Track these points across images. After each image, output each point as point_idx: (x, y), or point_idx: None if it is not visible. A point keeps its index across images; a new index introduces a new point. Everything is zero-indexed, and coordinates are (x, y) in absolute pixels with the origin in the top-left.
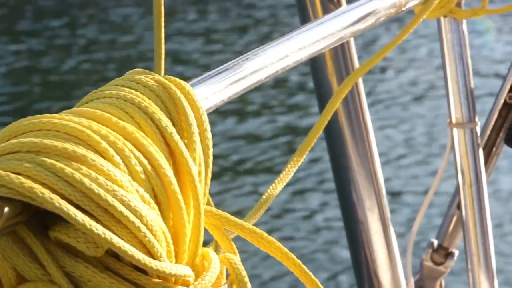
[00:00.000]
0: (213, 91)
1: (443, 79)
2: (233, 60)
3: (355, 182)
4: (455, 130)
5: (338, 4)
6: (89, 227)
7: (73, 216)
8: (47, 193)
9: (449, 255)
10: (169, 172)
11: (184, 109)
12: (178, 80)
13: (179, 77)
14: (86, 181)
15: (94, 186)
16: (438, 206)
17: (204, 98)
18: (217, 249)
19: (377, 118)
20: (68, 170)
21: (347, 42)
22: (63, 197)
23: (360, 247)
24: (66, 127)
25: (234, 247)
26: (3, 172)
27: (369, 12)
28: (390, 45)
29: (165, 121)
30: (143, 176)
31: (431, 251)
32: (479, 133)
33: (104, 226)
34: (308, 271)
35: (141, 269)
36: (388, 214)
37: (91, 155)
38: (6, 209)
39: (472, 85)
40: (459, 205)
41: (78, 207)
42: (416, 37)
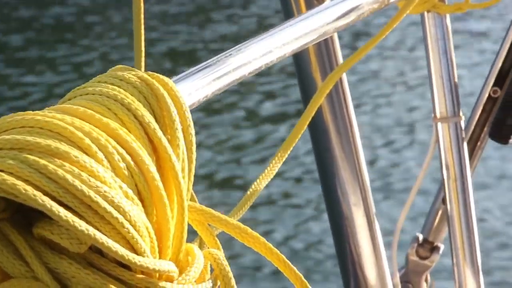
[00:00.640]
0: (196, 87)
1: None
2: (216, 56)
3: (340, 177)
4: (439, 124)
5: (322, 0)
6: (72, 223)
7: (56, 212)
8: (30, 190)
9: (434, 249)
10: (152, 168)
11: (167, 105)
12: (161, 77)
13: (162, 73)
14: (69, 177)
15: (77, 183)
16: (423, 201)
17: (188, 94)
18: (201, 245)
19: (361, 113)
20: (51, 166)
21: (330, 37)
22: (46, 193)
23: (345, 242)
24: (49, 124)
25: (218, 242)
26: None
27: (353, 7)
28: (374, 40)
29: (148, 117)
30: (126, 172)
31: (416, 245)
32: (463, 128)
33: (88, 222)
34: (292, 266)
35: (125, 265)
36: (373, 209)
37: (74, 152)
38: None
39: (456, 80)
40: (444, 199)
41: (61, 203)
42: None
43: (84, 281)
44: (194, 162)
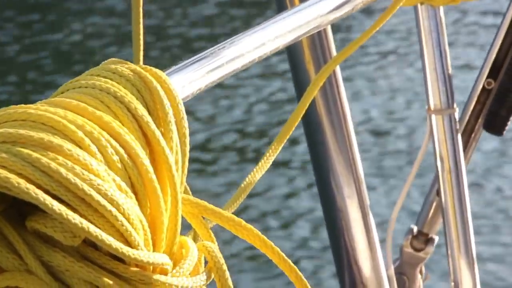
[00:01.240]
0: (189, 79)
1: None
2: (210, 49)
3: (334, 170)
4: (433, 116)
5: None
6: (66, 216)
7: (50, 205)
8: (23, 183)
9: (429, 241)
10: (145, 161)
11: (160, 98)
12: (154, 69)
13: (155, 66)
14: (63, 170)
15: (70, 176)
16: (418, 193)
17: (181, 87)
18: (195, 237)
19: (354, 105)
20: (44, 160)
21: (324, 30)
22: (39, 187)
23: (339, 235)
24: (42, 117)
25: (212, 235)
26: None
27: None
28: (367, 33)
29: (142, 110)
30: (119, 165)
31: (411, 237)
32: (457, 119)
33: (81, 215)
34: (287, 258)
35: (119, 258)
36: (367, 201)
37: (67, 145)
38: None
39: (450, 72)
40: (438, 191)
41: (54, 197)
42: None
43: (78, 274)
44: (188, 155)
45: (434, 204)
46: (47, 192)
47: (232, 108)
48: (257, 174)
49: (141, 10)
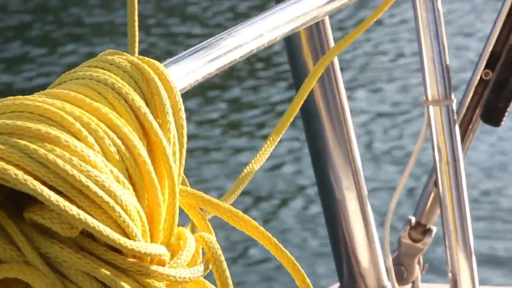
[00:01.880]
0: (187, 71)
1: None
2: (208, 40)
3: (332, 161)
4: (431, 107)
5: None
6: (63, 207)
7: (47, 197)
8: (21, 175)
9: (427, 232)
10: (143, 152)
11: (157, 89)
12: (151, 61)
13: (153, 58)
14: (60, 162)
15: (68, 167)
16: (416, 184)
17: (179, 78)
18: (193, 229)
19: (352, 97)
20: (42, 151)
21: (322, 21)
22: (37, 178)
23: (338, 226)
24: (40, 109)
25: (209, 226)
26: None
27: None
28: (365, 24)
29: (139, 101)
30: (117, 157)
31: (409, 228)
32: (455, 110)
33: (79, 206)
34: (284, 249)
35: (116, 249)
36: (365, 192)
37: (64, 136)
38: None
39: (448, 63)
40: (436, 182)
41: (52, 188)
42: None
43: (76, 265)
44: (185, 146)
45: (432, 195)
46: (44, 183)
47: None
48: (255, 166)
49: (136, 2)
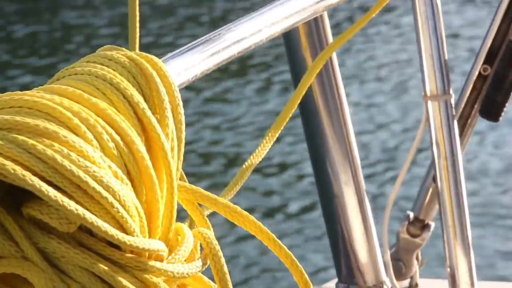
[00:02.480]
0: (185, 66)
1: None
2: (206, 36)
3: (330, 156)
4: (429, 102)
5: None
6: (61, 203)
7: (46, 192)
8: (19, 170)
9: (425, 227)
10: (141, 147)
11: (156, 84)
12: (150, 56)
13: (152, 53)
14: (58, 157)
15: (66, 163)
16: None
17: (177, 74)
18: (191, 224)
19: (351, 93)
20: (40, 146)
21: (320, 16)
22: (35, 173)
23: (336, 221)
24: (38, 104)
25: (208, 221)
26: None
27: None
28: (364, 19)
29: (137, 97)
30: (115, 152)
31: (407, 223)
32: (454, 106)
33: (77, 202)
34: (282, 244)
35: (114, 245)
36: (363, 188)
37: (63, 132)
38: None
39: (446, 58)
40: (434, 177)
41: (50, 183)
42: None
43: (74, 260)
44: (184, 141)
45: (430, 190)
46: (42, 178)
47: None
48: (254, 161)
49: None
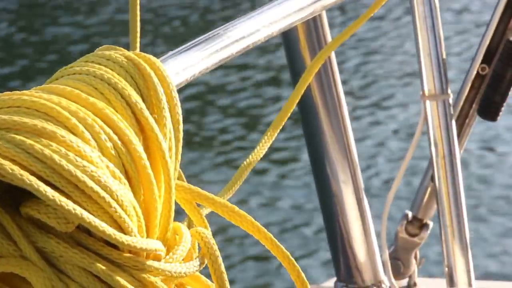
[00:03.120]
0: (183, 66)
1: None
2: (204, 35)
3: (329, 155)
4: (428, 102)
5: None
6: (59, 202)
7: (43, 192)
8: (17, 170)
9: (423, 226)
10: (139, 147)
11: (154, 84)
12: (148, 56)
13: (150, 53)
14: (56, 157)
15: (64, 162)
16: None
17: (175, 73)
18: (189, 224)
19: (349, 92)
20: (38, 146)
21: (319, 15)
22: (33, 173)
23: (334, 220)
24: (36, 104)
25: (205, 221)
26: None
27: None
28: (362, 18)
29: (135, 96)
30: (113, 152)
31: (405, 222)
32: (452, 105)
33: (75, 201)
34: (279, 244)
35: (112, 244)
36: (362, 187)
37: (60, 132)
38: None
39: (444, 57)
40: (432, 177)
41: (48, 183)
42: None
43: (72, 260)
44: (181, 141)
45: (429, 190)
46: (40, 178)
47: None
48: (252, 161)
49: None
